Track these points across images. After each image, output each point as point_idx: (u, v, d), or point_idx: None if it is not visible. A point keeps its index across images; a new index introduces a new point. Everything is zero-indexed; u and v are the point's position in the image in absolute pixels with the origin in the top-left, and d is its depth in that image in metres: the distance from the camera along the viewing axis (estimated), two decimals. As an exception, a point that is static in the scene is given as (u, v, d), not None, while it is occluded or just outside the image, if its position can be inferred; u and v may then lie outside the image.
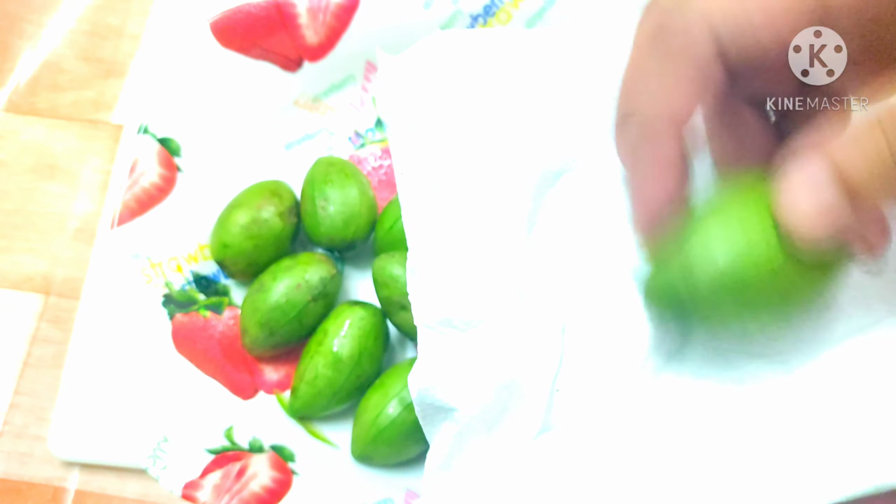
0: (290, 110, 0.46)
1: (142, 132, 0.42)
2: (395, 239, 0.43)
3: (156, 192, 0.42)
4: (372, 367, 0.41)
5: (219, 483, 0.37)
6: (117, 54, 0.55)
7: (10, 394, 0.45)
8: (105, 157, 0.51)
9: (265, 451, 0.40)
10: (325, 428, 0.42)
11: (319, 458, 0.41)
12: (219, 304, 0.44)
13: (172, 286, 0.42)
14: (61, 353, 0.46)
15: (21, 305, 0.48)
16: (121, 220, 0.41)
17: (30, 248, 0.49)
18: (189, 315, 0.42)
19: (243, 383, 0.43)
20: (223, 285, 0.44)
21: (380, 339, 0.41)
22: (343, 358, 0.40)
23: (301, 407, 0.41)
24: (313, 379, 0.41)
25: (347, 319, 0.41)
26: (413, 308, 0.32)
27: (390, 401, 0.39)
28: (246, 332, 0.42)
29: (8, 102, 0.53)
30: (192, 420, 0.39)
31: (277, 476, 0.39)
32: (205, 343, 0.42)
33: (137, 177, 0.41)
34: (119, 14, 0.56)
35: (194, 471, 0.37)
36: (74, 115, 0.53)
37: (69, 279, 0.48)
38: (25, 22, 0.56)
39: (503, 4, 0.45)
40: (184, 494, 0.36)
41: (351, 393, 0.41)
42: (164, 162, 0.42)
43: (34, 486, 0.43)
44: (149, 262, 0.41)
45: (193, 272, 0.43)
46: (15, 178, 0.51)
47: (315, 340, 0.41)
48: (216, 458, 0.38)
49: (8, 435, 0.44)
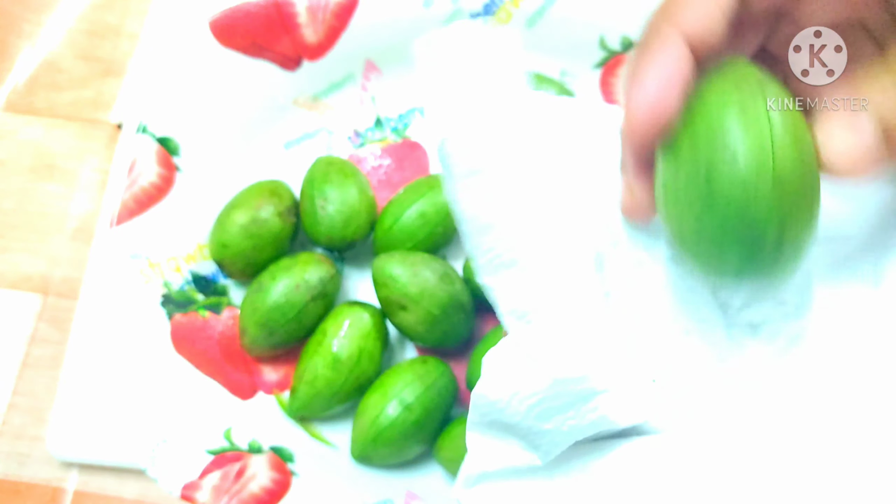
0: (290, 109, 0.46)
1: (140, 132, 0.42)
2: (395, 239, 0.43)
3: (154, 191, 0.42)
4: (371, 368, 0.41)
5: (218, 484, 0.37)
6: (116, 54, 0.54)
7: (9, 394, 0.45)
8: (103, 157, 0.51)
9: (264, 451, 0.40)
10: (325, 428, 0.42)
11: (319, 458, 0.41)
12: (217, 305, 0.44)
13: (171, 286, 0.42)
14: (59, 354, 0.45)
15: (19, 305, 0.47)
16: (119, 220, 0.40)
17: (28, 248, 0.49)
18: (188, 315, 0.42)
19: (242, 383, 0.42)
20: (222, 285, 0.44)
21: (379, 340, 0.41)
22: (342, 359, 0.40)
23: (300, 408, 0.41)
24: (312, 379, 0.40)
25: (347, 320, 0.41)
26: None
27: (390, 401, 0.39)
28: (245, 332, 0.42)
29: (6, 102, 0.53)
30: (191, 421, 0.39)
31: (276, 477, 0.39)
32: (203, 343, 0.42)
33: (136, 176, 0.41)
34: (117, 13, 0.56)
35: (193, 472, 0.37)
36: (73, 114, 0.52)
37: (67, 279, 0.48)
38: (24, 21, 0.56)
39: (503, 3, 0.45)
40: (183, 495, 0.36)
41: (350, 393, 0.41)
42: (163, 161, 0.42)
43: (33, 486, 0.43)
44: (147, 262, 0.41)
45: (192, 272, 0.43)
46: (13, 178, 0.51)
47: (314, 341, 0.41)
48: (215, 458, 0.38)
49: (6, 435, 0.44)
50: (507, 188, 0.26)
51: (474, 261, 0.27)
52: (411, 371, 0.40)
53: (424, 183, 0.44)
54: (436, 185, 0.43)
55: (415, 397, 0.39)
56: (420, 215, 0.43)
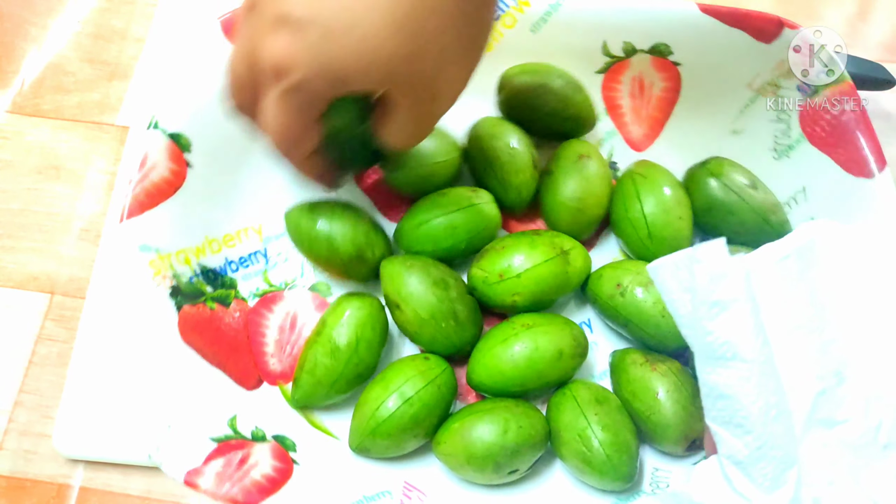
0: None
1: (152, 127, 0.42)
2: (419, 238, 0.44)
3: (165, 186, 0.42)
4: (370, 356, 0.42)
5: (221, 471, 0.38)
6: (121, 57, 0.55)
7: (15, 392, 0.45)
8: (109, 159, 0.52)
9: (267, 440, 0.40)
10: (327, 419, 0.43)
11: (320, 448, 0.42)
12: (226, 297, 0.44)
13: (180, 278, 0.42)
14: (66, 352, 0.46)
15: (26, 305, 0.48)
16: (130, 213, 0.41)
17: (35, 248, 0.49)
18: (196, 307, 0.43)
19: (248, 374, 0.43)
20: (230, 278, 0.45)
21: (377, 328, 0.42)
22: (341, 347, 0.41)
23: (302, 397, 0.42)
24: (312, 368, 0.41)
25: (346, 310, 0.42)
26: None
27: (391, 395, 0.40)
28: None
29: (13, 104, 0.54)
30: (196, 409, 0.40)
31: (278, 465, 0.39)
32: (211, 334, 0.43)
33: (147, 171, 0.42)
34: (123, 17, 0.57)
35: (197, 458, 0.38)
36: (79, 116, 0.53)
37: (74, 279, 0.48)
38: (30, 24, 0.56)
39: (508, 9, 0.46)
40: (186, 481, 0.36)
41: (350, 381, 0.41)
42: (174, 157, 0.43)
43: (39, 483, 0.43)
44: (157, 255, 0.42)
45: (201, 265, 0.44)
46: (20, 179, 0.51)
47: (315, 331, 0.42)
48: (219, 446, 0.39)
49: (13, 433, 0.45)
50: (742, 373, 0.30)
51: (705, 406, 0.31)
52: (413, 366, 0.41)
53: (468, 198, 0.44)
54: (476, 206, 0.44)
55: (415, 392, 0.40)
56: (450, 225, 0.44)
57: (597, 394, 0.41)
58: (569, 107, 0.47)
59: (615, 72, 0.48)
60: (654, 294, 0.41)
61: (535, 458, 0.40)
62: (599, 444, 0.38)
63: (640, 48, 0.47)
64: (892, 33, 0.57)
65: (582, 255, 0.44)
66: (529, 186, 0.46)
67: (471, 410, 0.40)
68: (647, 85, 0.49)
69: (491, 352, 0.41)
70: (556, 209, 0.45)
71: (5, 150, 0.52)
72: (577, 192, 0.45)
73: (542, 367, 0.40)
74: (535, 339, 0.41)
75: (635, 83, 0.49)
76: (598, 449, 0.38)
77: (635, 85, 0.49)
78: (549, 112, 0.46)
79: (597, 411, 0.39)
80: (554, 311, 0.45)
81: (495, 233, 0.45)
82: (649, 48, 0.47)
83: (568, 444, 0.39)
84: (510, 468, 0.39)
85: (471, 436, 0.39)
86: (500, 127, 0.46)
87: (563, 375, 0.41)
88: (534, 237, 0.43)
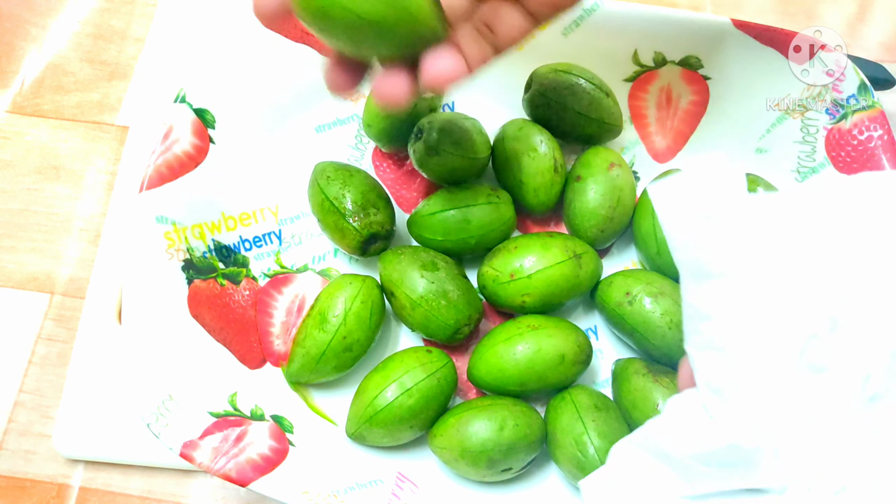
0: (325, 95, 0.47)
1: (179, 100, 0.43)
2: (430, 225, 0.44)
3: (187, 160, 0.43)
4: (360, 330, 0.42)
5: (217, 446, 0.38)
6: (121, 57, 0.55)
7: (15, 392, 0.46)
8: (109, 159, 0.52)
9: (265, 419, 0.40)
10: (326, 404, 0.43)
11: (317, 432, 0.42)
12: (237, 275, 0.45)
13: (194, 252, 0.43)
14: (66, 352, 0.46)
15: (26, 305, 0.48)
16: (150, 185, 0.41)
17: (35, 248, 0.49)
18: (207, 282, 0.43)
19: (252, 354, 0.43)
20: (243, 256, 0.45)
21: (368, 303, 0.42)
22: (329, 318, 0.41)
23: (294, 371, 0.42)
24: (303, 340, 0.42)
25: (340, 286, 0.42)
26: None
27: (390, 384, 0.40)
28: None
29: (13, 104, 0.54)
30: (198, 383, 0.40)
31: (275, 445, 0.39)
32: (219, 310, 0.43)
33: (171, 143, 0.42)
34: (123, 17, 0.57)
35: (195, 431, 0.38)
36: (79, 116, 0.53)
37: (74, 279, 0.48)
38: (30, 24, 0.57)
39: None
40: (182, 454, 0.37)
41: (339, 355, 0.41)
42: (198, 132, 0.43)
43: (38, 483, 0.44)
44: (173, 227, 0.42)
45: (215, 241, 0.44)
46: (20, 179, 0.51)
47: (311, 308, 0.43)
48: (217, 421, 0.39)
49: (12, 433, 0.45)
50: (729, 288, 0.29)
51: (686, 330, 0.30)
52: (415, 358, 0.41)
53: (486, 195, 0.45)
54: (492, 204, 0.44)
55: (414, 384, 0.40)
56: (464, 219, 0.44)
57: (597, 401, 0.40)
58: (597, 109, 0.46)
59: (643, 81, 0.48)
60: (663, 305, 0.41)
61: (529, 458, 0.40)
62: (595, 451, 0.38)
63: (670, 59, 0.47)
64: (892, 33, 0.57)
65: (594, 261, 0.44)
66: (548, 189, 0.45)
67: (468, 406, 0.40)
68: (675, 97, 0.48)
69: (493, 349, 0.41)
70: (584, 215, 0.45)
71: (5, 150, 0.52)
72: (610, 201, 0.45)
73: (543, 369, 0.40)
74: (538, 340, 0.40)
75: (663, 94, 0.49)
76: (594, 455, 0.38)
77: (663, 96, 0.49)
78: (576, 112, 0.46)
79: (595, 418, 0.39)
80: (561, 316, 0.45)
81: (509, 233, 0.45)
82: (680, 60, 0.47)
83: (563, 447, 0.39)
84: (504, 465, 0.39)
85: (467, 430, 0.39)
86: (525, 129, 0.46)
87: (563, 380, 0.41)
88: (547, 239, 0.43)
